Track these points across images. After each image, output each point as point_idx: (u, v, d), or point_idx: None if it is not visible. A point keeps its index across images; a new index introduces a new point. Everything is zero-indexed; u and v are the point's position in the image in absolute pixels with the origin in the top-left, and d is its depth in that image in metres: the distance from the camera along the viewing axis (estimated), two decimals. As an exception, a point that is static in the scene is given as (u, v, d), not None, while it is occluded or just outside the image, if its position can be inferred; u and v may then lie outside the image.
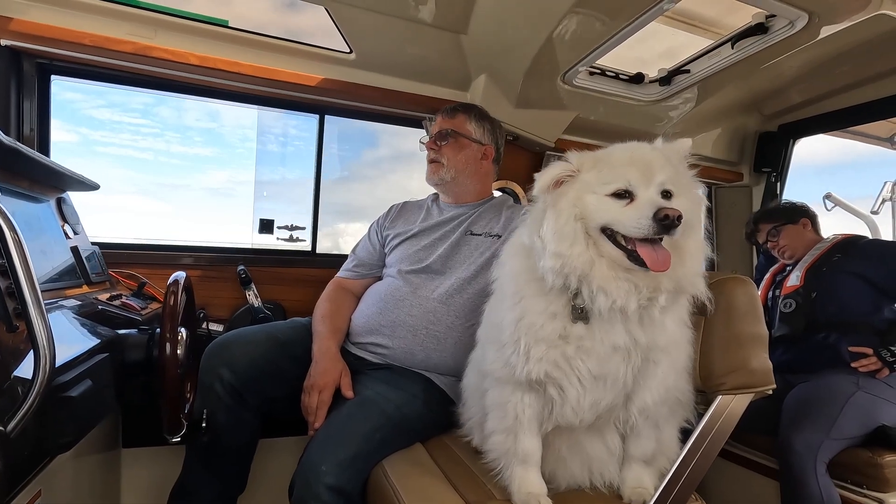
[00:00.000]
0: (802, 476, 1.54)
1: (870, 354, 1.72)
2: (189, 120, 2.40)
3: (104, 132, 2.18)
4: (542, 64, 1.85)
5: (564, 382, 0.99)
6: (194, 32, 1.72)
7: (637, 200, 0.93)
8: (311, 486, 1.07)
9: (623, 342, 0.96)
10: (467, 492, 1.08)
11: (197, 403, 1.30)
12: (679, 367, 1.03)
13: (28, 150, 1.11)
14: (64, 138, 1.99)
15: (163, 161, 2.36)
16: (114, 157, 2.22)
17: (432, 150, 1.68)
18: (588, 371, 0.98)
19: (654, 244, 0.92)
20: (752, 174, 2.82)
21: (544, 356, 0.98)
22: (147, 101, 2.23)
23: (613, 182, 0.95)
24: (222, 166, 2.56)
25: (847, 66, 2.00)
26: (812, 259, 2.00)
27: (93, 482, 1.37)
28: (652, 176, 0.94)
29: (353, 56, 1.91)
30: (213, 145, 2.50)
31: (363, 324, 1.53)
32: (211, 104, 2.17)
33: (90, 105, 2.10)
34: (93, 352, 0.92)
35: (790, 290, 1.99)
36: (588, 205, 0.96)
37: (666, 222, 0.88)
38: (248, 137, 2.44)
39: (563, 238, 0.96)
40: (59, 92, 1.78)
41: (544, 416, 1.05)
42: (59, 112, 1.79)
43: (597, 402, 1.00)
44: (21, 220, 1.13)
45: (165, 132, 2.32)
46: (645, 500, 1.01)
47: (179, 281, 1.12)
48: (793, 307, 1.95)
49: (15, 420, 0.62)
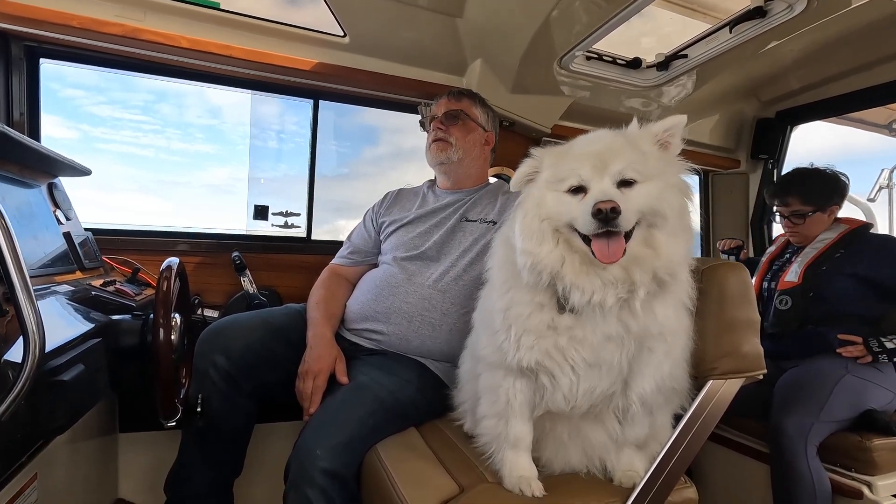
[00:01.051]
0: (793, 459, 1.56)
1: (858, 343, 1.73)
2: (190, 116, 2.39)
3: (105, 129, 2.17)
4: (539, 48, 1.83)
5: (556, 371, 0.99)
6: (185, 15, 1.69)
7: (587, 195, 0.91)
8: (306, 471, 1.08)
9: (615, 331, 0.96)
10: (460, 475, 1.09)
11: (192, 389, 1.31)
12: (676, 355, 1.02)
13: (16, 134, 1.10)
14: (65, 135, 2.00)
15: (163, 158, 2.36)
16: (115, 154, 2.22)
17: (439, 130, 1.66)
18: (583, 360, 0.98)
19: (610, 236, 0.88)
20: (748, 161, 2.82)
21: (535, 345, 0.98)
22: (148, 98, 2.22)
23: (567, 178, 0.93)
24: (223, 163, 2.55)
25: (846, 51, 1.99)
26: (814, 255, 1.88)
27: (89, 466, 1.38)
28: (605, 166, 0.91)
29: (347, 40, 1.88)
30: (214, 142, 2.49)
31: (358, 310, 1.53)
32: (211, 100, 2.15)
33: (91, 101, 2.10)
34: (85, 337, 0.92)
35: (787, 285, 1.90)
36: (549, 203, 0.95)
37: (600, 216, 0.85)
38: (250, 134, 2.43)
39: (531, 237, 0.96)
40: (61, 88, 1.77)
41: (535, 401, 1.05)
42: (59, 109, 1.79)
43: (591, 389, 1.00)
44: (11, 206, 1.12)
45: (166, 129, 2.32)
46: (635, 482, 1.03)
47: (172, 266, 1.11)
48: (788, 304, 1.88)
49: (5, 404, 0.62)
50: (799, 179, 1.95)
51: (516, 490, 1.00)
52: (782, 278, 1.95)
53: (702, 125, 2.66)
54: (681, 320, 1.01)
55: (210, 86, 2.01)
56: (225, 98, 2.15)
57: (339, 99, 2.14)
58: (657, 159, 0.95)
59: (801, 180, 1.95)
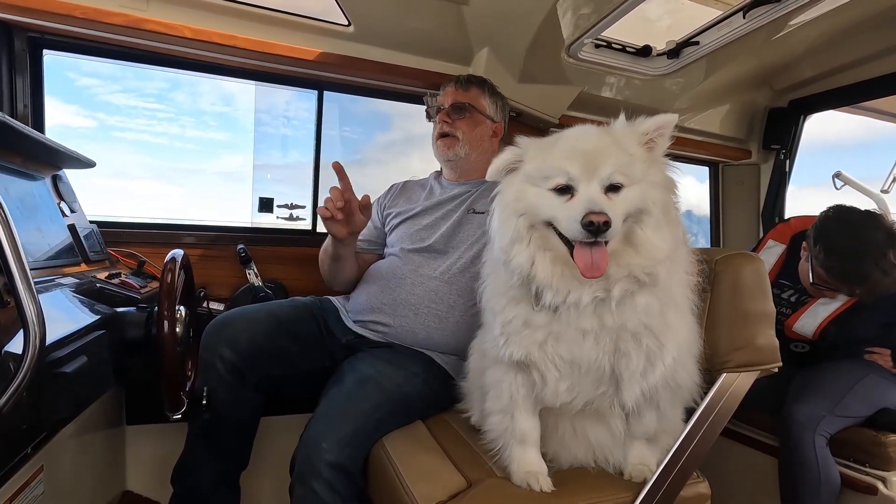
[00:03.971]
0: (799, 446, 1.53)
1: (886, 354, 1.69)
2: (204, 104, 2.39)
3: (120, 117, 2.17)
4: (546, 36, 1.79)
5: (542, 367, 0.97)
6: (188, 4, 1.67)
7: (575, 198, 0.87)
8: (312, 463, 1.08)
9: (591, 325, 0.92)
10: (468, 469, 1.08)
11: (198, 381, 1.30)
12: (672, 353, 0.96)
13: (19, 124, 1.09)
14: (83, 123, 2.02)
15: (178, 146, 2.36)
16: (130, 142, 2.22)
17: (445, 124, 1.61)
18: (560, 357, 0.96)
19: (594, 245, 0.85)
20: (760, 151, 2.77)
21: (518, 340, 0.97)
22: (162, 86, 2.22)
23: (553, 176, 0.89)
24: (236, 150, 2.55)
25: (862, 37, 1.94)
26: (833, 313, 1.68)
27: (96, 459, 1.38)
28: (595, 169, 0.87)
29: (351, 29, 1.85)
30: (227, 129, 2.48)
31: (365, 301, 1.51)
32: (224, 87, 2.13)
33: (107, 90, 2.10)
34: (88, 329, 0.91)
35: (799, 336, 1.75)
36: (530, 198, 0.93)
37: (591, 228, 0.82)
38: (259, 122, 2.42)
39: (505, 234, 0.94)
40: (78, 77, 1.79)
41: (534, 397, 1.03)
42: (77, 98, 1.83)
43: (572, 387, 0.98)
44: (14, 197, 1.11)
45: (180, 116, 2.31)
46: (646, 477, 1.01)
47: (177, 258, 1.10)
48: (806, 349, 1.77)
49: (6, 395, 0.61)
50: (870, 262, 1.54)
51: (525, 486, 0.99)
52: (789, 324, 1.75)
53: (712, 115, 2.61)
54: (672, 317, 0.96)
55: (213, 77, 1.99)
56: (237, 85, 2.14)
57: (344, 90, 2.11)
58: (642, 161, 0.91)
59: (873, 261, 1.54)
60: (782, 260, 1.88)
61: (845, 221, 1.64)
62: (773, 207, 2.75)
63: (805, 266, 1.71)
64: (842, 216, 1.66)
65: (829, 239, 1.61)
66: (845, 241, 1.59)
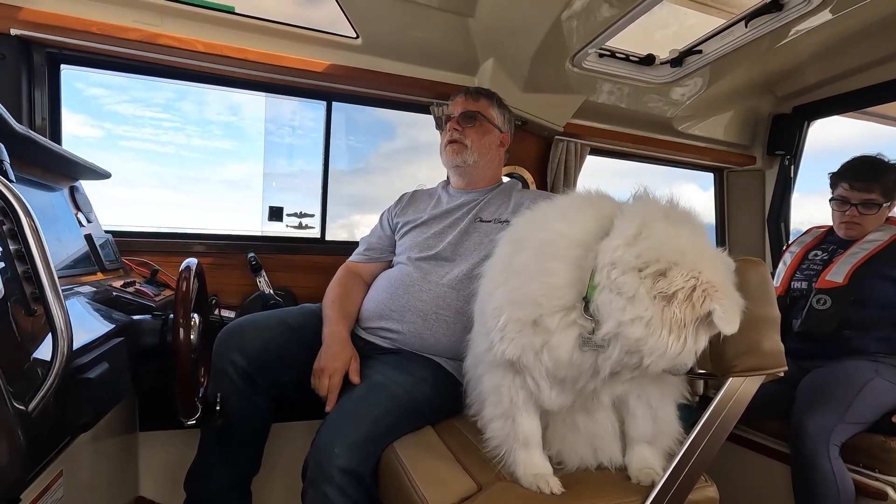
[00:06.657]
0: (815, 459, 1.52)
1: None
2: (210, 114, 2.43)
3: (127, 126, 2.21)
4: (551, 46, 1.82)
5: (533, 371, 0.99)
6: (201, 19, 1.71)
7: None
8: (323, 469, 1.09)
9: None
10: (478, 473, 1.09)
11: (211, 388, 1.32)
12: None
13: (40, 138, 1.12)
14: (90, 133, 2.06)
15: (184, 155, 2.40)
16: (137, 151, 2.26)
17: (455, 131, 1.65)
18: (547, 370, 0.97)
19: None
20: (764, 157, 2.78)
21: (515, 338, 0.97)
22: (169, 96, 2.26)
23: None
24: (242, 159, 2.59)
25: (865, 43, 1.95)
26: (864, 256, 1.76)
27: (111, 464, 1.40)
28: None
29: (359, 41, 1.89)
30: (233, 138, 2.53)
31: (373, 309, 1.53)
32: (231, 97, 2.17)
33: (114, 100, 2.14)
34: (108, 336, 0.94)
35: (829, 285, 1.77)
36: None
37: None
38: (268, 131, 2.46)
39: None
40: (85, 88, 1.82)
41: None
42: (84, 108, 1.84)
43: (561, 391, 1.00)
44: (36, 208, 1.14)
45: (186, 126, 2.35)
46: (653, 479, 1.02)
47: (191, 267, 1.13)
48: (827, 305, 1.76)
49: (35, 400, 0.63)
50: (884, 167, 1.80)
51: (534, 488, 1.00)
52: (822, 276, 1.82)
53: (716, 121, 2.63)
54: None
55: (225, 89, 2.03)
56: (244, 95, 2.18)
57: (352, 100, 2.15)
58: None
59: (886, 168, 1.80)
60: (820, 237, 2.01)
61: (860, 157, 1.90)
62: (779, 213, 2.75)
63: (832, 206, 1.91)
64: (856, 158, 1.91)
65: (845, 164, 1.90)
66: (860, 159, 1.88)
